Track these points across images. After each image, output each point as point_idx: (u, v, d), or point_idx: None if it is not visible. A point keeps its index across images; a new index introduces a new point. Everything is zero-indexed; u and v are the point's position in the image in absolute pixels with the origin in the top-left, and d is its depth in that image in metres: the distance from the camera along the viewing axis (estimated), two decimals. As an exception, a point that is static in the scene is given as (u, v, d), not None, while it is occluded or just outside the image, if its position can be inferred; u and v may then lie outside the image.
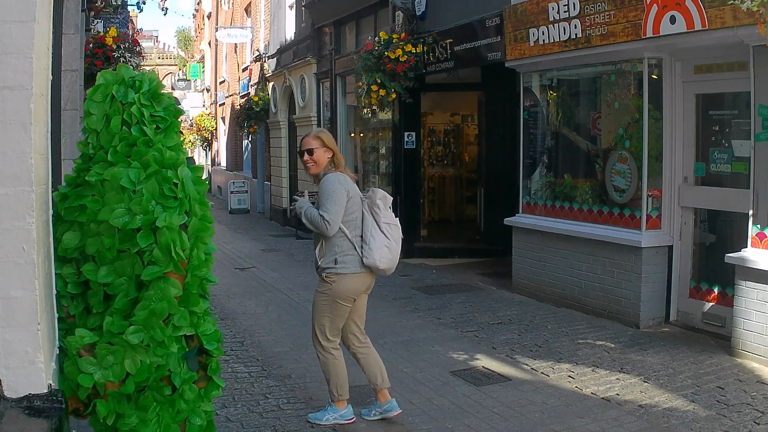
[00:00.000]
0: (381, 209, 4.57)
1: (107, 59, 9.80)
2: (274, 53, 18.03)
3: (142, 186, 2.65)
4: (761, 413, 4.72)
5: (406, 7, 11.25)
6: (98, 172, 2.70)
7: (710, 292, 6.68)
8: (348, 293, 4.55)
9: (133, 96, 2.74)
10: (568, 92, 8.39)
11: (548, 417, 4.79)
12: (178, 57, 46.59)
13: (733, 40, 5.76)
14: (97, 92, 2.78)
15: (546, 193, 8.51)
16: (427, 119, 13.40)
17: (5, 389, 2.50)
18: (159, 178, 2.67)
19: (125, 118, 2.74)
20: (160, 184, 2.67)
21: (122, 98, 2.75)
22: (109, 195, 2.67)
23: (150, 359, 2.67)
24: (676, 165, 6.91)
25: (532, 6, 8.03)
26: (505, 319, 7.47)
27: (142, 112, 2.74)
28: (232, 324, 7.39)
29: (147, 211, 2.64)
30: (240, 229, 17.07)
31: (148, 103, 2.77)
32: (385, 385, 4.69)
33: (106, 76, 2.80)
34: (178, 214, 2.67)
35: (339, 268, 4.52)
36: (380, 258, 4.51)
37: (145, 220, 2.63)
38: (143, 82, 2.79)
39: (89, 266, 2.72)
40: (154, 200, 2.65)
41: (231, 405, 5.02)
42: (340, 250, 4.53)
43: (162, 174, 2.68)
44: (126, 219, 2.63)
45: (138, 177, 2.66)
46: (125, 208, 2.64)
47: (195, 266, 2.75)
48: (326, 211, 4.47)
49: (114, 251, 2.67)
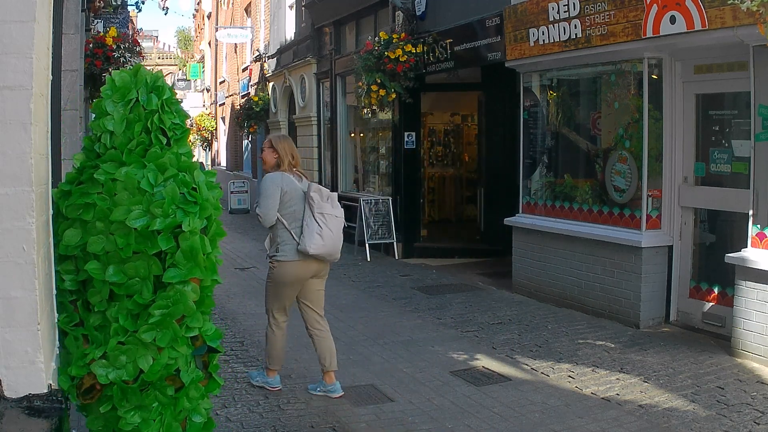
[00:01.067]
0: (315, 201, 5.04)
1: (107, 59, 9.80)
2: (274, 53, 18.04)
3: (160, 188, 2.65)
4: (761, 413, 4.72)
5: (406, 7, 11.25)
6: (109, 171, 2.69)
7: (710, 292, 6.68)
8: (287, 278, 5.11)
9: (156, 102, 2.74)
10: (568, 92, 8.39)
11: (548, 417, 4.79)
12: (177, 57, 46.61)
13: (733, 40, 5.76)
14: (117, 92, 2.75)
15: (546, 193, 8.51)
16: (427, 119, 13.40)
17: (5, 389, 2.51)
18: (178, 182, 2.68)
19: (147, 125, 2.73)
20: (179, 188, 2.67)
21: (145, 104, 2.73)
22: (121, 195, 2.66)
23: (164, 359, 2.68)
24: (676, 165, 6.91)
25: (532, 6, 8.03)
26: (505, 319, 7.47)
27: (162, 119, 2.74)
28: (232, 324, 7.38)
29: (167, 214, 2.63)
30: (240, 229, 17.05)
31: (169, 110, 2.78)
32: (332, 368, 5.24)
33: (125, 77, 2.77)
34: (198, 218, 2.69)
35: (279, 256, 5.09)
36: (311, 244, 4.95)
37: (167, 223, 2.63)
38: (164, 87, 2.78)
39: (94, 264, 2.70)
40: (174, 204, 2.65)
41: (231, 405, 5.02)
42: (281, 240, 5.09)
43: (181, 178, 2.69)
44: (145, 221, 2.62)
45: (156, 179, 2.66)
46: (143, 210, 2.63)
47: (212, 270, 2.78)
48: (258, 206, 5.18)
49: (129, 251, 2.66)
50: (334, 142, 14.45)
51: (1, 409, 2.48)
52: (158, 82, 2.79)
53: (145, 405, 2.74)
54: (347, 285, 9.55)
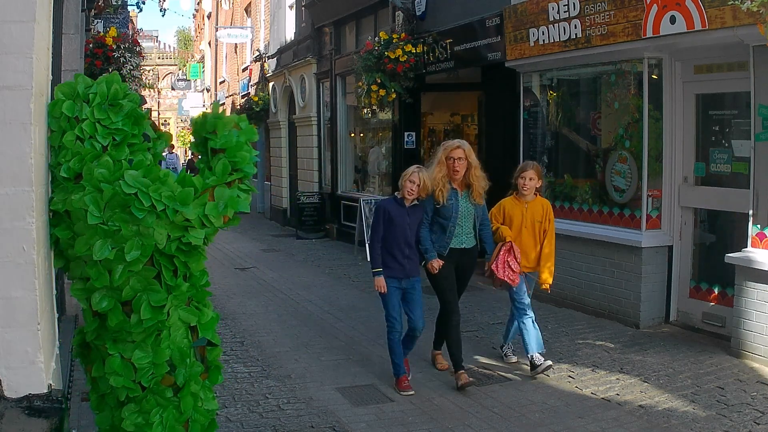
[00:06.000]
0: None
1: (107, 59, 9.80)
2: (274, 53, 18.03)
3: (108, 216, 2.58)
4: (761, 413, 4.72)
5: (406, 7, 11.24)
6: (61, 200, 2.65)
7: (710, 292, 6.68)
8: None
9: (87, 111, 2.69)
10: (568, 92, 8.38)
11: (548, 417, 4.79)
12: (178, 57, 46.60)
13: (733, 40, 5.76)
14: (55, 108, 2.72)
15: (546, 193, 8.50)
16: (427, 119, 13.39)
17: (5, 389, 2.50)
18: (119, 201, 2.59)
19: (77, 134, 2.68)
20: (123, 208, 2.59)
21: (77, 113, 2.69)
22: (78, 225, 2.63)
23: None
24: (676, 165, 6.90)
25: (532, 6, 8.03)
26: (505, 319, 7.44)
27: (95, 127, 2.69)
28: (232, 324, 7.38)
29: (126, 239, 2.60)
30: (240, 229, 17.04)
31: (104, 115, 2.72)
32: None
33: (63, 89, 2.74)
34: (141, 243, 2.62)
35: None
36: None
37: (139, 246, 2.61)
38: (96, 94, 2.73)
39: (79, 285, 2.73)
40: (124, 231, 2.59)
41: (231, 405, 5.02)
42: None
43: (121, 197, 2.59)
44: (106, 252, 2.59)
45: (99, 207, 2.58)
46: (102, 240, 2.58)
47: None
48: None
49: (105, 280, 2.64)
50: (334, 142, 14.46)
51: (1, 409, 2.48)
52: (91, 89, 2.73)
53: (146, 409, 2.74)
54: (347, 285, 9.55)
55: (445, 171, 5.42)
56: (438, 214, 5.44)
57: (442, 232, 5.46)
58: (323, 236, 14.56)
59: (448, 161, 5.43)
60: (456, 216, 5.44)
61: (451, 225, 5.43)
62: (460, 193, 5.51)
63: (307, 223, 14.80)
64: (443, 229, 5.46)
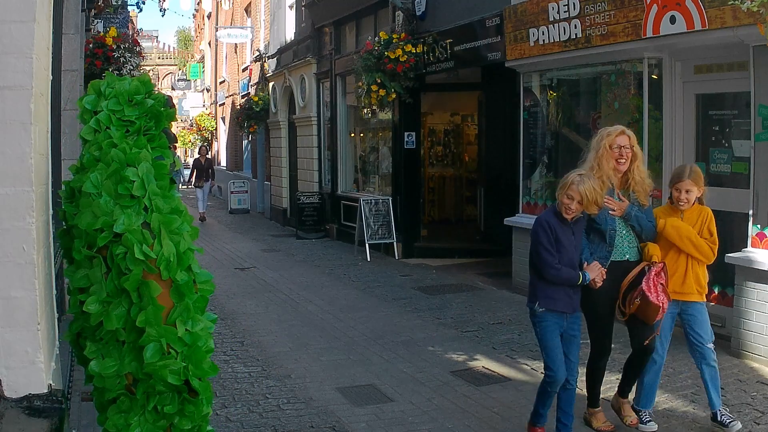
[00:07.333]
0: None
1: (107, 59, 9.80)
2: (274, 53, 18.03)
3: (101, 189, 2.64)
4: (761, 413, 4.72)
5: (406, 7, 11.25)
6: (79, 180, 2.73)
7: (710, 292, 6.66)
8: None
9: (103, 104, 2.77)
10: (568, 92, 8.38)
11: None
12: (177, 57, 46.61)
13: (733, 40, 5.76)
14: (80, 102, 2.80)
15: (546, 193, 8.51)
16: (427, 119, 13.41)
17: (5, 389, 2.50)
18: (116, 178, 2.65)
19: (93, 126, 2.75)
20: (116, 184, 2.64)
21: (93, 107, 2.77)
22: (82, 200, 2.66)
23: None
24: (676, 165, 6.89)
25: (532, 6, 8.03)
26: (505, 319, 7.47)
27: (110, 118, 2.75)
28: (232, 324, 7.38)
29: (106, 212, 2.59)
30: (240, 229, 17.07)
31: (118, 107, 2.79)
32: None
33: (94, 85, 2.81)
34: (136, 213, 2.61)
35: None
36: None
37: (105, 221, 2.59)
38: (114, 89, 2.81)
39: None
40: (111, 200, 2.61)
41: (231, 405, 5.02)
42: None
43: (119, 174, 2.64)
44: (90, 221, 2.60)
45: (99, 180, 2.64)
46: (90, 212, 2.62)
47: (164, 259, 2.64)
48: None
49: (81, 254, 2.63)
50: (334, 142, 14.46)
51: (1, 409, 2.48)
52: (107, 87, 2.81)
53: (124, 409, 2.70)
54: (347, 285, 9.55)
55: (613, 164, 4.31)
56: (592, 218, 4.28)
57: (601, 241, 4.34)
58: (323, 236, 14.56)
59: (613, 151, 4.34)
60: (615, 220, 4.32)
61: (610, 229, 4.30)
62: (617, 191, 4.39)
63: (307, 223, 14.80)
64: (602, 237, 4.33)
